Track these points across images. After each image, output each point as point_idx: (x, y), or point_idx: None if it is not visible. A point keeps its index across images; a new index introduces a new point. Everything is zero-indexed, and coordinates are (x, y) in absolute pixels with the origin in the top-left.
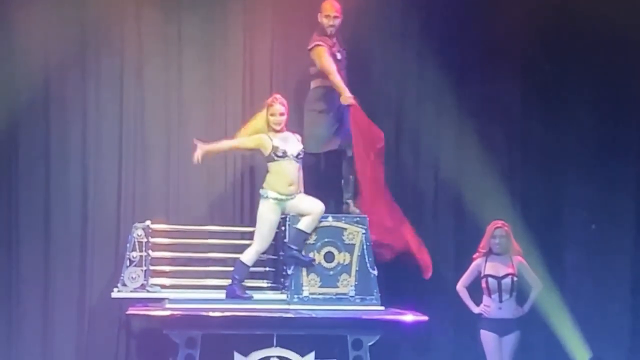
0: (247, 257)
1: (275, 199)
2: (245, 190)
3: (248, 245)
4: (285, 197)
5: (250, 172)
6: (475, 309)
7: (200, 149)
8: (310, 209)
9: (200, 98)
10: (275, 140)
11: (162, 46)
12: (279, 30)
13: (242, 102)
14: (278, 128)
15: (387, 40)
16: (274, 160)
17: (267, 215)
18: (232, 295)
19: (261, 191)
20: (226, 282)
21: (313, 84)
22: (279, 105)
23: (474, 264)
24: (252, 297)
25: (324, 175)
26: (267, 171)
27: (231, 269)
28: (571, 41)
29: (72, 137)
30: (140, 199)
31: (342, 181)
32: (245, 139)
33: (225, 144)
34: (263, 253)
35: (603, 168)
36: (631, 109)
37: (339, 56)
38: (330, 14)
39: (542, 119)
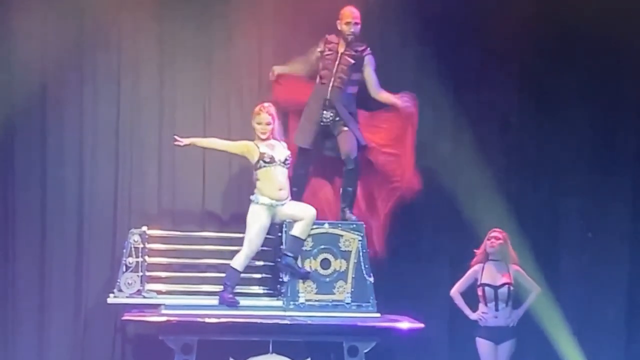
0: (237, 262)
1: (266, 204)
2: (243, 196)
3: None
4: (276, 203)
5: (248, 178)
6: (472, 315)
7: (185, 141)
8: (301, 214)
9: (197, 102)
10: (262, 147)
11: (158, 50)
12: (273, 33)
13: (240, 106)
14: (264, 137)
15: (384, 47)
16: (262, 167)
17: (255, 218)
18: (223, 301)
19: (252, 197)
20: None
21: None
22: (265, 115)
23: (471, 270)
24: (238, 302)
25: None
26: (257, 179)
27: None
28: (568, 50)
29: (69, 141)
30: (136, 204)
31: (341, 190)
32: (230, 144)
33: (211, 142)
34: (260, 259)
35: (599, 176)
36: (628, 117)
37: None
38: (350, 20)
39: (539, 127)
